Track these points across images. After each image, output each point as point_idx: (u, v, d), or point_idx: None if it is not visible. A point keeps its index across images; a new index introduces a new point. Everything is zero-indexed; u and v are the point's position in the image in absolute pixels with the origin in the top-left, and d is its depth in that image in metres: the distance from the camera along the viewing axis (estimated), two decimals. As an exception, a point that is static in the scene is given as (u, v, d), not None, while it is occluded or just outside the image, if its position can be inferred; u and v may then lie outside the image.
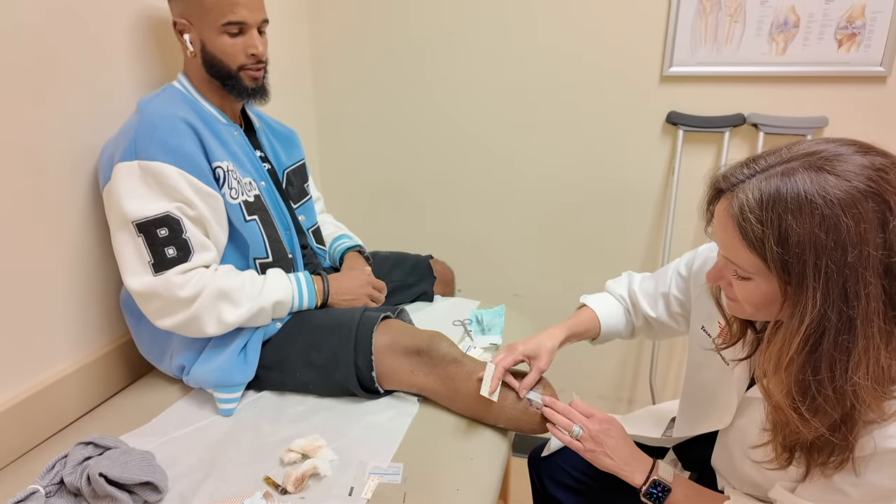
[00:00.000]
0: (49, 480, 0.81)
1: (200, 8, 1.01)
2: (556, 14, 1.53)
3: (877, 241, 0.55)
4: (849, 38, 1.36)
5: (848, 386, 0.58)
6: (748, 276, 0.63)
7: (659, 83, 1.51)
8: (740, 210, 0.60)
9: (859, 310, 0.56)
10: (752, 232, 0.59)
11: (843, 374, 0.58)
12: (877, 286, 0.56)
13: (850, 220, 0.55)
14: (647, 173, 1.59)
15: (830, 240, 0.55)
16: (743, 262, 0.62)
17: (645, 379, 1.78)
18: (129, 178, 0.94)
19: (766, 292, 0.62)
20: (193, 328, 0.98)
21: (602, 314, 1.04)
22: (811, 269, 0.56)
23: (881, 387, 0.58)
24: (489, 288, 1.82)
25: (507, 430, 1.02)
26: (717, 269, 0.70)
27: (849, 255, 0.55)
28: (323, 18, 1.71)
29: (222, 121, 1.11)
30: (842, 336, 0.57)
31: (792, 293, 0.59)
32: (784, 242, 0.57)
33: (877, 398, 0.59)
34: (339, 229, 1.43)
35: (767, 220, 0.57)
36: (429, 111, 1.72)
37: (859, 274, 0.55)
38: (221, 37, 1.03)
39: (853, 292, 0.56)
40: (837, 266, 0.55)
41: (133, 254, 0.95)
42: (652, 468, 0.82)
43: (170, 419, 1.02)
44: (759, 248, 0.59)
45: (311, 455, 0.89)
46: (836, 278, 0.56)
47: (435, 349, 1.02)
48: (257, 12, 1.04)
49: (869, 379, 0.57)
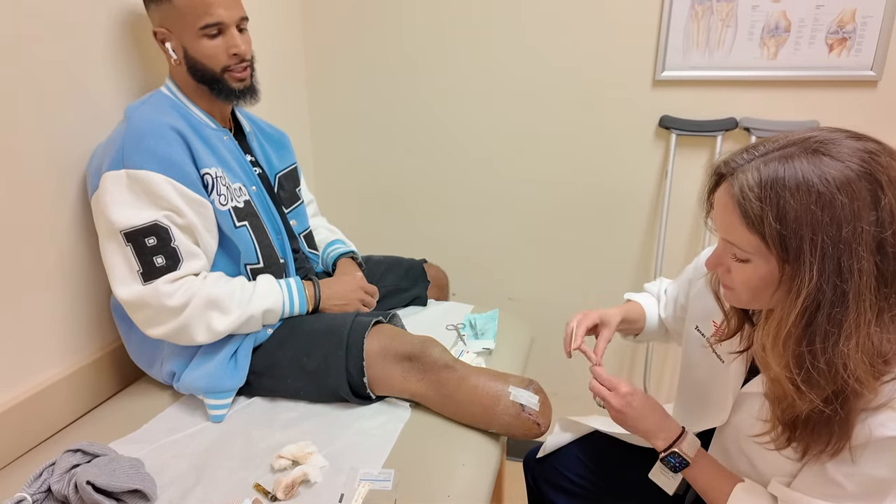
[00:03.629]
0: (37, 488, 0.80)
1: (176, 14, 1.00)
2: (547, 19, 1.53)
3: (870, 219, 0.58)
4: (840, 42, 1.36)
5: (839, 358, 0.60)
6: (747, 257, 0.65)
7: (651, 87, 1.51)
8: (740, 190, 0.63)
9: (852, 284, 0.59)
10: (752, 210, 0.62)
11: (834, 346, 0.60)
12: (869, 262, 0.58)
13: (844, 197, 0.58)
14: (640, 177, 1.59)
15: (826, 216, 0.58)
16: (742, 242, 0.64)
17: (639, 381, 1.78)
18: (116, 187, 0.94)
19: (763, 275, 0.65)
20: (183, 336, 0.98)
21: (647, 308, 1.06)
22: (808, 245, 0.59)
23: (871, 361, 0.60)
24: (483, 292, 1.81)
25: (499, 435, 1.01)
26: (716, 254, 0.72)
27: (843, 230, 0.58)
28: (317, 21, 1.71)
29: (211, 126, 1.10)
30: (835, 309, 0.60)
31: (789, 270, 0.62)
32: (782, 219, 0.60)
33: (867, 374, 0.60)
34: (333, 234, 1.42)
35: (766, 198, 0.60)
36: (423, 115, 1.72)
37: (853, 249, 0.58)
38: (201, 40, 1.02)
39: (847, 267, 0.58)
40: (833, 241, 0.58)
41: (122, 263, 0.95)
42: (677, 439, 0.82)
43: (160, 426, 1.01)
44: (759, 225, 0.61)
45: (301, 461, 0.89)
46: (832, 253, 0.58)
47: (427, 354, 1.01)
48: (234, 10, 1.03)
49: (859, 352, 0.60)
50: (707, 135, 1.49)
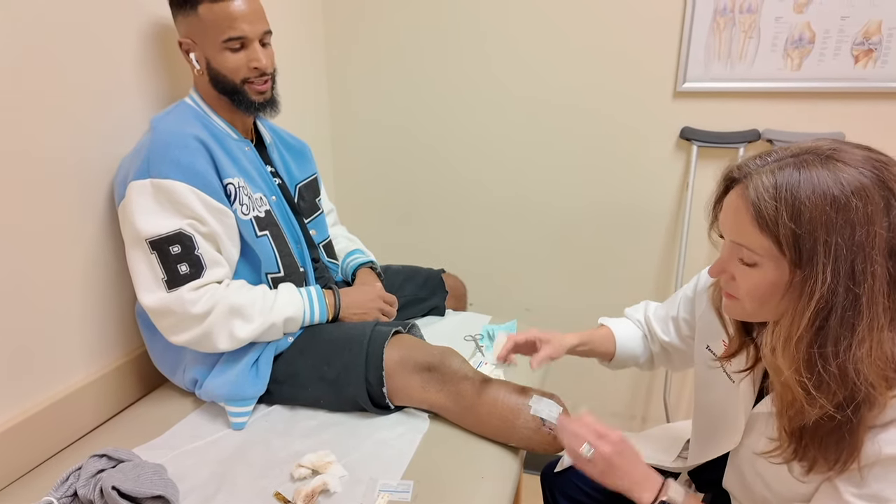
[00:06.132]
0: (63, 492, 0.82)
1: (201, 26, 1.02)
2: (569, 30, 1.53)
3: (883, 224, 0.58)
4: (865, 53, 1.34)
5: (851, 363, 0.60)
6: (755, 260, 0.65)
7: (673, 98, 1.50)
8: (755, 191, 0.63)
9: (865, 288, 0.59)
10: (767, 210, 0.61)
11: (847, 350, 0.60)
12: (882, 266, 0.59)
13: (858, 201, 0.58)
14: (660, 189, 1.58)
15: (840, 218, 0.58)
16: (753, 245, 0.64)
17: (659, 397, 1.76)
18: (142, 197, 0.96)
19: (771, 280, 0.64)
20: (206, 344, 0.99)
21: (619, 334, 1.05)
22: (822, 246, 0.59)
23: (884, 367, 0.60)
24: (501, 302, 1.81)
25: (518, 448, 1.01)
26: (722, 260, 0.70)
27: (857, 233, 0.58)
28: (339, 33, 1.74)
29: (233, 136, 1.12)
30: (847, 312, 0.59)
31: (800, 274, 0.61)
32: (797, 219, 0.60)
33: (879, 380, 0.59)
34: (353, 243, 1.43)
35: (781, 199, 0.61)
36: (443, 126, 1.73)
37: (866, 253, 0.58)
38: (224, 53, 1.03)
39: (860, 270, 0.58)
40: (847, 244, 0.58)
41: (146, 271, 0.97)
42: (661, 488, 0.81)
43: (182, 432, 1.02)
44: (773, 226, 0.61)
45: (321, 471, 0.89)
46: (846, 255, 0.59)
47: (446, 365, 1.01)
48: (257, 24, 1.04)
49: (872, 357, 0.59)
50: (729, 146, 1.48)
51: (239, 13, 1.01)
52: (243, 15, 1.02)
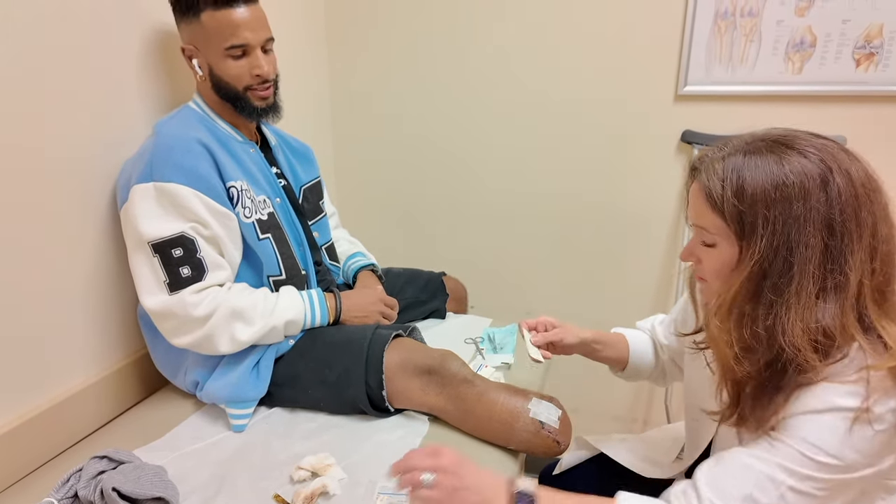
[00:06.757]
0: (64, 494, 0.82)
1: (204, 33, 1.02)
2: (570, 33, 1.54)
3: (819, 198, 0.63)
4: (867, 57, 1.34)
5: (778, 325, 0.64)
6: (713, 240, 0.70)
7: (674, 102, 1.51)
8: (707, 175, 0.69)
9: (798, 256, 0.64)
10: (714, 190, 0.68)
11: (777, 315, 0.65)
12: (817, 238, 0.63)
13: (795, 178, 0.64)
14: (661, 192, 1.58)
15: (779, 193, 0.64)
16: (708, 224, 0.70)
17: (660, 400, 1.75)
18: (145, 200, 0.96)
19: (726, 258, 0.69)
20: (207, 346, 1.00)
21: (632, 340, 1.05)
22: (761, 220, 0.65)
23: (812, 334, 0.64)
24: (502, 305, 1.81)
25: (517, 451, 1.01)
26: (689, 245, 0.76)
27: (794, 207, 0.63)
28: (341, 37, 1.75)
29: (238, 139, 1.13)
30: (781, 280, 0.65)
31: (745, 245, 0.67)
32: (740, 196, 0.66)
33: (805, 343, 0.63)
34: (354, 246, 1.44)
35: (727, 179, 0.67)
36: (444, 130, 1.73)
37: (801, 225, 0.63)
38: (226, 60, 1.04)
39: (795, 241, 0.64)
40: (783, 217, 0.64)
41: (149, 273, 0.97)
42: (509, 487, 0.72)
43: (183, 434, 1.03)
44: (720, 203, 0.67)
45: (320, 473, 0.90)
46: (782, 228, 0.64)
47: (446, 369, 1.01)
48: (260, 32, 1.05)
49: (800, 321, 0.64)
50: (730, 150, 1.47)
51: (241, 21, 1.02)
52: (246, 22, 1.02)
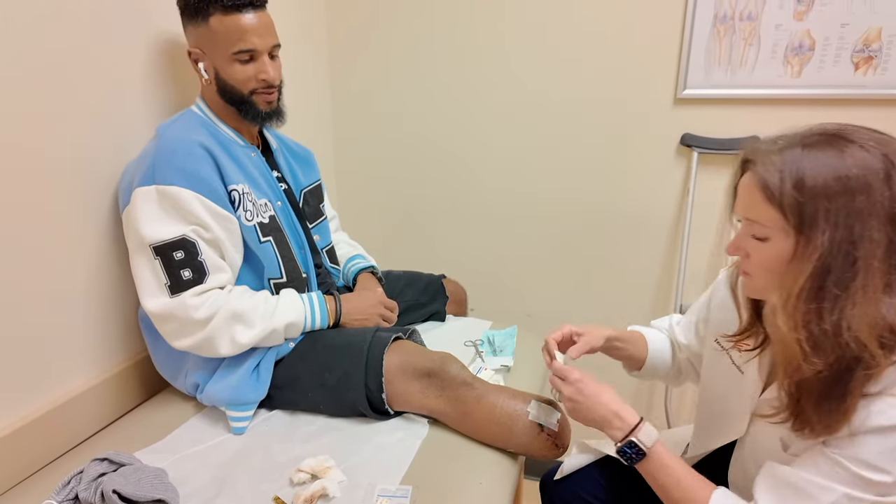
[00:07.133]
0: (64, 496, 0.83)
1: (212, 37, 1.03)
2: (570, 36, 1.54)
3: (884, 192, 0.62)
4: (865, 60, 1.35)
5: (844, 321, 0.63)
6: (766, 234, 0.68)
7: (673, 105, 1.51)
8: (763, 167, 0.68)
9: (862, 251, 0.62)
10: (771, 182, 0.66)
11: (842, 309, 0.63)
12: (881, 232, 0.62)
13: (858, 171, 0.62)
14: (661, 195, 1.59)
15: (840, 186, 0.63)
16: (762, 217, 0.68)
17: (660, 403, 1.75)
18: (146, 203, 0.97)
19: (779, 252, 0.68)
20: (208, 349, 1.00)
21: (650, 339, 1.05)
22: (822, 212, 0.63)
23: (878, 329, 0.63)
24: (501, 308, 1.81)
25: (517, 454, 1.01)
26: (737, 238, 0.74)
27: (857, 200, 0.62)
28: (342, 41, 1.75)
29: (239, 143, 1.13)
30: (845, 274, 0.63)
31: (803, 240, 0.65)
32: (800, 188, 0.64)
33: (871, 340, 0.62)
34: (354, 249, 1.44)
35: (787, 171, 0.65)
36: (444, 133, 1.74)
37: (864, 219, 0.62)
38: (233, 65, 1.04)
39: (858, 235, 0.62)
40: (846, 210, 0.62)
41: (150, 276, 0.98)
42: (634, 428, 0.80)
43: (183, 437, 1.03)
44: (778, 196, 0.65)
45: (320, 475, 0.90)
46: (845, 221, 0.63)
47: (446, 371, 1.02)
48: (267, 38, 1.06)
49: (866, 317, 0.63)
50: (729, 153, 1.48)
51: (250, 26, 1.02)
52: (254, 28, 1.03)
